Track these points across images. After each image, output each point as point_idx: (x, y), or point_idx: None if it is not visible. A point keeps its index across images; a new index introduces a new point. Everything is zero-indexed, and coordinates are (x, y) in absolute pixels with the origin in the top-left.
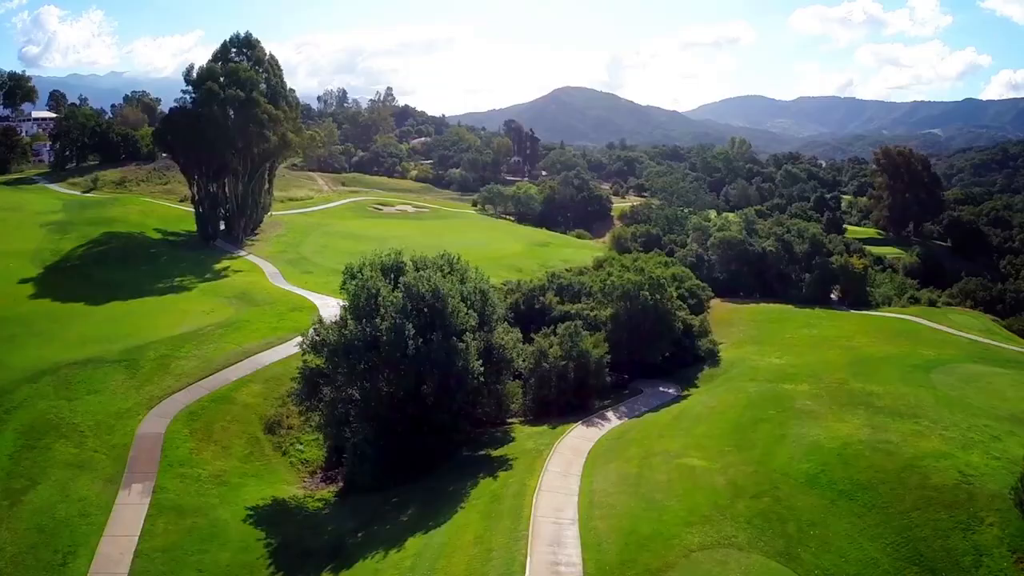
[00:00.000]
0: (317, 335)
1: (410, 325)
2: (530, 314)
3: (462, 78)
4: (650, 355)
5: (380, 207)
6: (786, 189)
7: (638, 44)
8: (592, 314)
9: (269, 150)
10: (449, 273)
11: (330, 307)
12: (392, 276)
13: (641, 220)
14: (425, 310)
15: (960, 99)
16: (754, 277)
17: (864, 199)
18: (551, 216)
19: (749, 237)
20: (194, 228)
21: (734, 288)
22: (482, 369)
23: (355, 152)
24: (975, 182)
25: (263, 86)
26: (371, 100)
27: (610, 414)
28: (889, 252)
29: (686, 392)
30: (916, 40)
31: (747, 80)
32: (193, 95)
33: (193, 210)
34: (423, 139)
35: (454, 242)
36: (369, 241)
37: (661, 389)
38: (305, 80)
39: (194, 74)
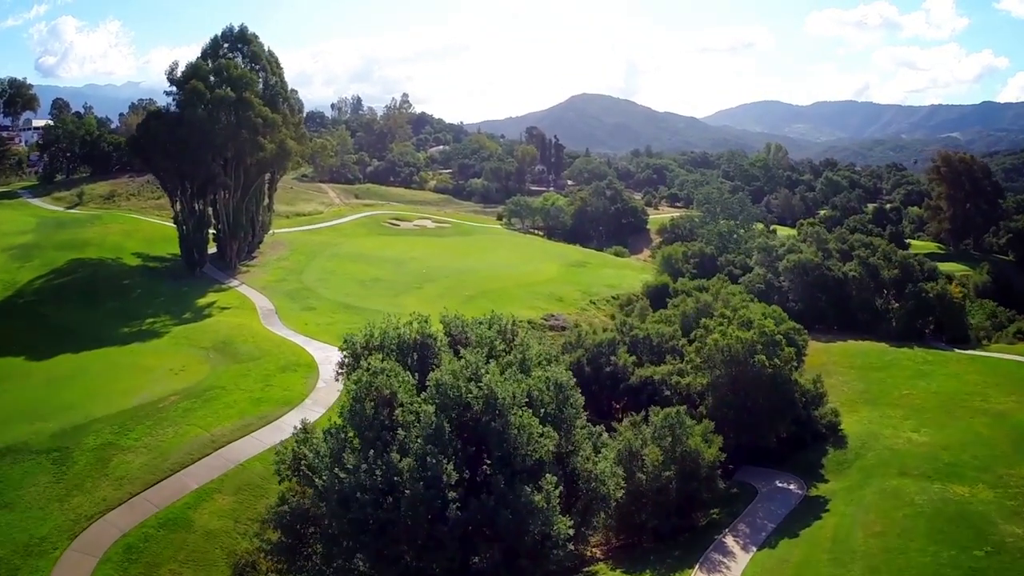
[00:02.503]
0: (298, 451)
1: (449, 465)
2: (598, 379)
3: (477, 85)
4: (763, 438)
5: (396, 222)
6: (832, 198)
7: (653, 49)
8: (683, 382)
9: (266, 160)
10: (505, 352)
11: (332, 363)
12: (414, 358)
13: (684, 235)
14: (471, 423)
15: (978, 102)
16: (834, 307)
17: (916, 209)
18: (582, 230)
19: (826, 260)
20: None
21: (810, 320)
22: (571, 533)
23: (370, 162)
24: (1008, 188)
25: (260, 86)
26: (386, 107)
27: (729, 541)
28: (955, 269)
29: (813, 491)
30: (933, 43)
31: (763, 85)
32: (177, 96)
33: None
34: (441, 147)
35: (480, 264)
36: (383, 264)
37: (779, 484)
38: (321, 89)
39: (178, 72)
